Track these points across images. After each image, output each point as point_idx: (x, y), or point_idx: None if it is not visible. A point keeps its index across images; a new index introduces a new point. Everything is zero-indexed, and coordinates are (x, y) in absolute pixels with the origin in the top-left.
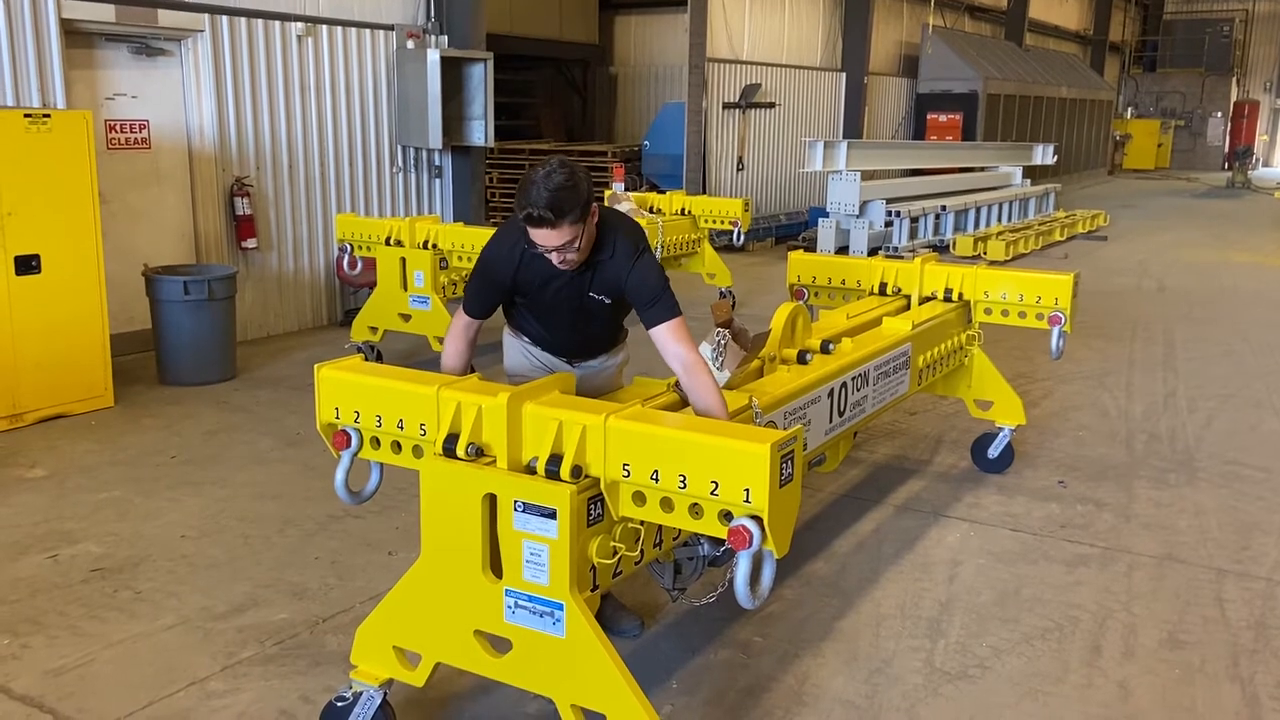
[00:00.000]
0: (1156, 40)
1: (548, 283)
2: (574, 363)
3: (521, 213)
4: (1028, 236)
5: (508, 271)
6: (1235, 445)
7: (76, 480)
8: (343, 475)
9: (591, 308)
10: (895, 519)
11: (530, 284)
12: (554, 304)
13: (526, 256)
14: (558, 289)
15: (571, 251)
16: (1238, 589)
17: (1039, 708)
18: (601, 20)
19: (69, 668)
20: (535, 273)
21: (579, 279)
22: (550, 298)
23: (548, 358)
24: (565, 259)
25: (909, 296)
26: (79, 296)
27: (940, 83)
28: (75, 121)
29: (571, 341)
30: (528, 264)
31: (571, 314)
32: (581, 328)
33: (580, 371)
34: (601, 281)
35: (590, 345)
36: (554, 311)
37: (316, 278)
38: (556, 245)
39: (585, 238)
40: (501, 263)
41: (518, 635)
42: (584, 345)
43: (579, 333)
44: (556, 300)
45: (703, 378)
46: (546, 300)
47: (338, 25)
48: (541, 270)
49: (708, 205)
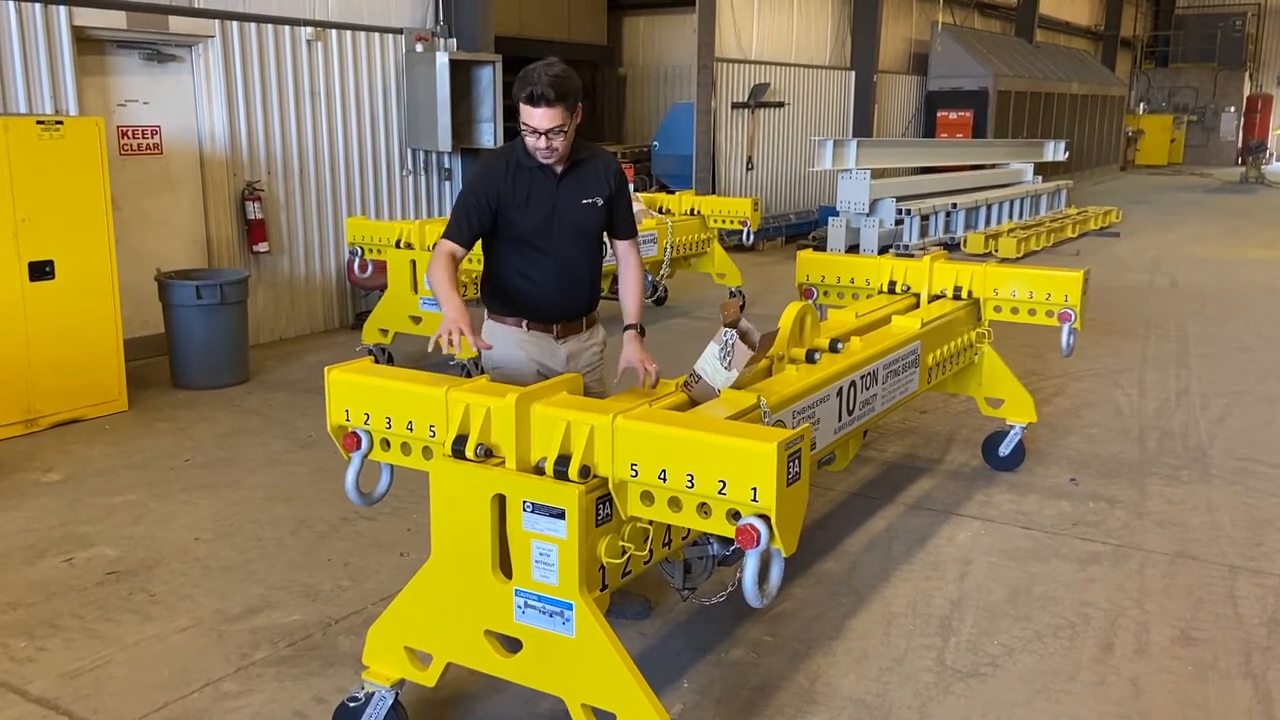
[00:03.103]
0: (1168, 35)
1: (532, 194)
2: (562, 338)
3: (523, 92)
4: (1039, 233)
5: (495, 183)
6: (1248, 442)
7: (91, 484)
8: (353, 477)
9: (582, 218)
10: (906, 517)
11: (518, 199)
12: (541, 223)
13: (513, 170)
14: (541, 200)
15: (558, 138)
16: (1251, 586)
17: (1051, 705)
18: (610, 21)
19: (85, 670)
20: (522, 186)
21: (563, 189)
22: (535, 210)
23: (535, 337)
24: (551, 146)
25: (918, 295)
26: (92, 302)
27: (950, 80)
28: (87, 128)
29: (559, 283)
30: (515, 178)
31: (556, 231)
32: (568, 254)
33: (566, 353)
34: (586, 182)
35: (575, 290)
36: (540, 234)
37: (328, 281)
38: (549, 127)
39: (570, 132)
40: (490, 178)
41: (528, 635)
42: (570, 288)
43: (565, 267)
44: (538, 214)
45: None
46: (532, 216)
47: (347, 29)
48: (526, 183)
49: (717, 205)
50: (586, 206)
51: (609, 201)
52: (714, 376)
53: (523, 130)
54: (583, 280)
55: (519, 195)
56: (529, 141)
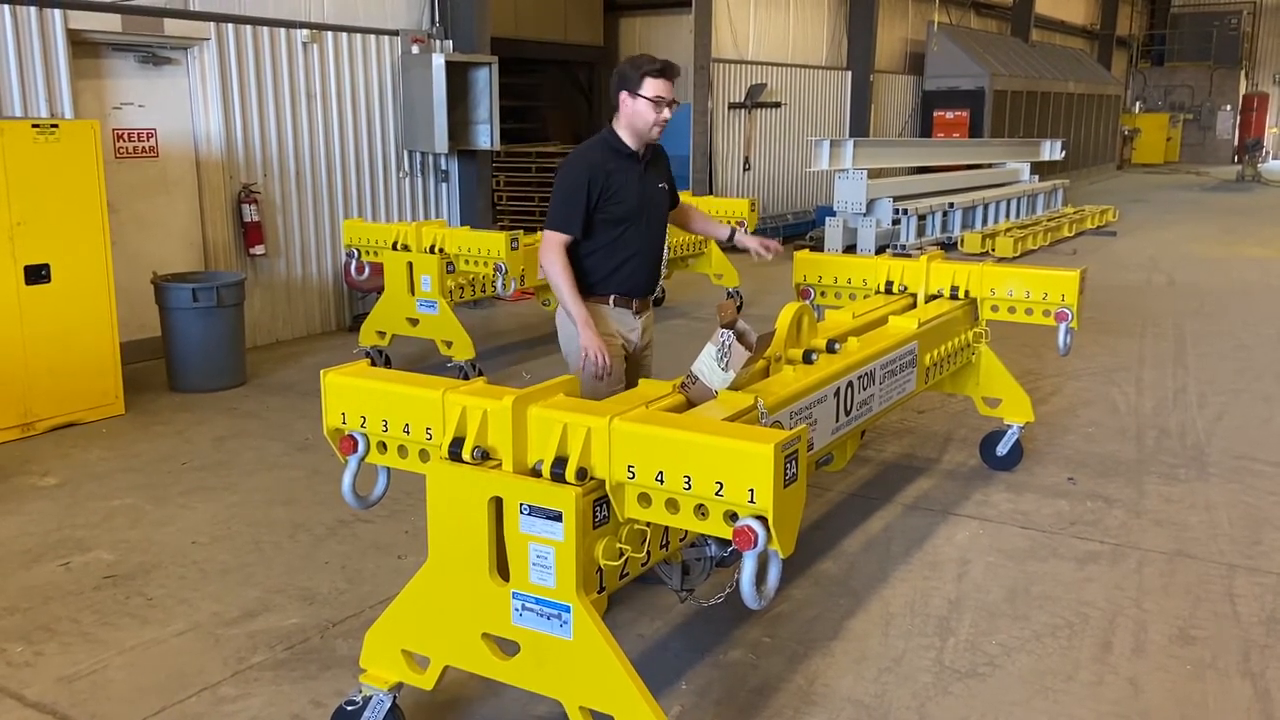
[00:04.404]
0: (1164, 34)
1: (627, 179)
2: (639, 312)
3: (655, 66)
4: (1036, 233)
5: (595, 171)
6: (1246, 440)
7: (88, 488)
8: (350, 480)
9: (659, 199)
10: (904, 517)
11: (615, 184)
12: (636, 205)
13: (609, 158)
14: (633, 185)
15: (669, 109)
16: (1249, 584)
17: (1050, 705)
18: (606, 22)
19: (82, 674)
20: (618, 172)
21: (646, 174)
22: (630, 194)
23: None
24: (662, 117)
25: (915, 295)
26: (89, 305)
27: (946, 80)
28: (83, 131)
29: (647, 260)
30: (610, 165)
31: (646, 211)
32: (653, 233)
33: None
34: (657, 169)
35: (657, 267)
36: (635, 215)
37: (324, 283)
38: (670, 97)
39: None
40: (590, 167)
41: (525, 638)
42: (654, 265)
43: (653, 245)
44: (633, 197)
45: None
46: (629, 199)
47: (343, 31)
48: (620, 170)
49: (714, 205)
50: (662, 190)
51: (671, 185)
52: (711, 377)
53: (639, 107)
54: (660, 257)
55: (616, 181)
56: (649, 117)
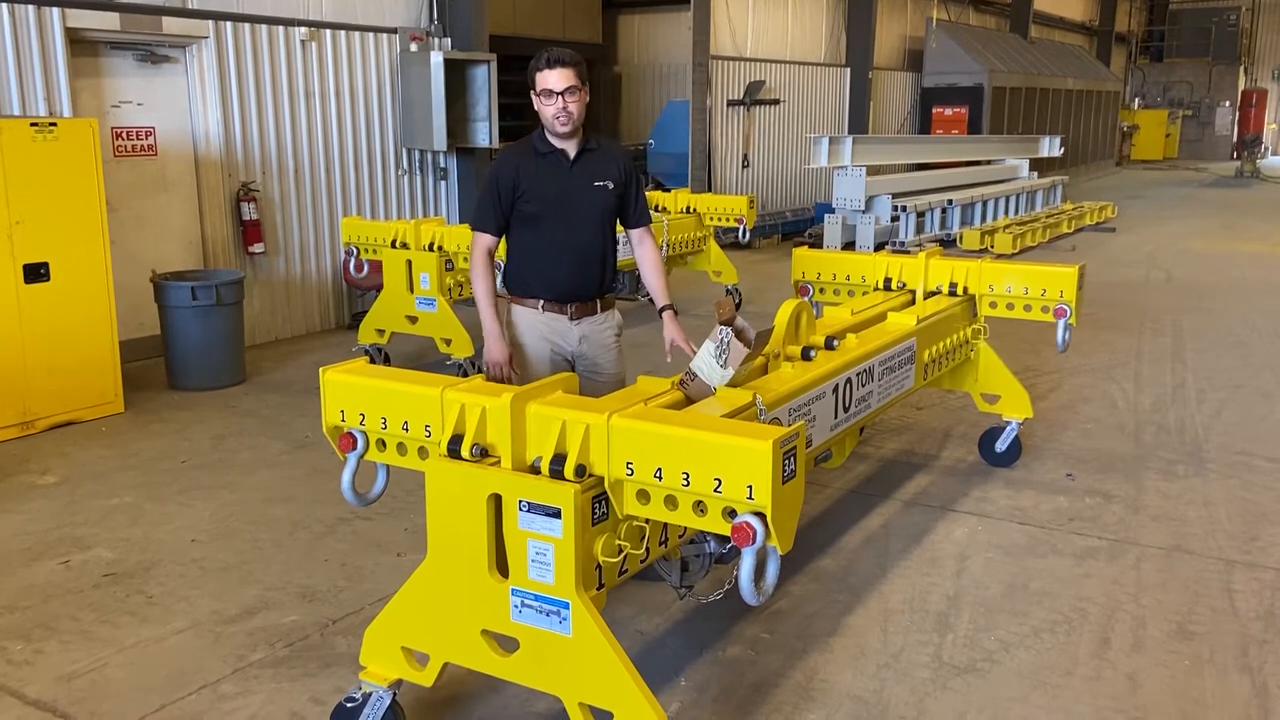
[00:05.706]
0: (1163, 30)
1: (546, 176)
2: (576, 318)
3: (541, 60)
4: (1035, 229)
5: (512, 168)
6: (1244, 436)
7: (88, 486)
8: (349, 478)
9: (591, 199)
10: (903, 514)
11: (533, 181)
12: (553, 201)
13: (529, 156)
14: (555, 181)
15: (574, 101)
16: (1247, 580)
17: (1048, 700)
18: (605, 20)
19: (82, 672)
20: (539, 169)
21: (573, 173)
22: (548, 190)
23: (550, 319)
24: (567, 109)
25: (914, 291)
26: (88, 304)
27: (945, 76)
28: (81, 130)
29: (570, 261)
30: (531, 163)
31: (565, 211)
32: (581, 234)
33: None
34: (598, 167)
35: (587, 269)
36: (552, 212)
37: (323, 281)
38: (565, 86)
39: (582, 101)
40: (507, 165)
41: (524, 634)
42: (581, 267)
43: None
44: (548, 196)
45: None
46: (544, 196)
47: (341, 30)
48: (542, 167)
49: (713, 203)
50: (598, 188)
51: (621, 188)
52: (710, 374)
53: (540, 103)
54: (594, 260)
55: (534, 178)
56: (548, 112)
